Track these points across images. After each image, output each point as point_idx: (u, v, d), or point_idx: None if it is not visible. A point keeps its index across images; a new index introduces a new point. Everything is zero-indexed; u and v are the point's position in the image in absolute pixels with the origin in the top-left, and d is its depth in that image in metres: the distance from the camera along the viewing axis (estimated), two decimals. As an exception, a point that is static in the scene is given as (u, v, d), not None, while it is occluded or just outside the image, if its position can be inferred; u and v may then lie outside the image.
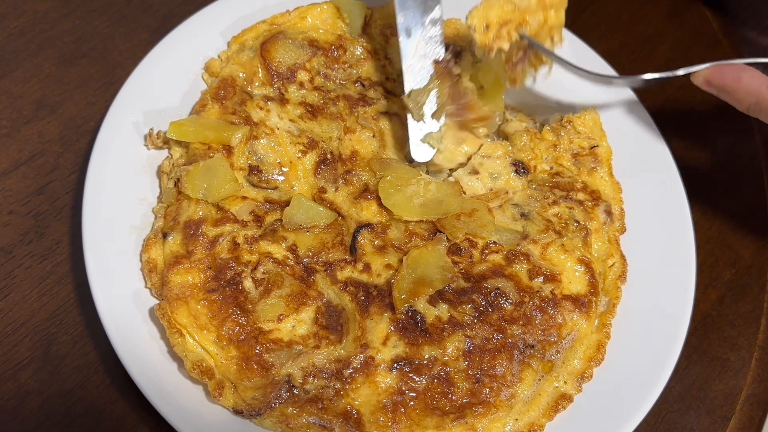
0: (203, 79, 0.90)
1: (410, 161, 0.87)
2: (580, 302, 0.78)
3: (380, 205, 0.82)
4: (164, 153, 0.85)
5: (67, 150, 0.90)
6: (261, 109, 0.86)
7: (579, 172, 0.87)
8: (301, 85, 0.88)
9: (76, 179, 0.88)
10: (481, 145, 0.88)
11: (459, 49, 0.93)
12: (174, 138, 0.83)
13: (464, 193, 0.83)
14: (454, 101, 0.88)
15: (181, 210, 0.79)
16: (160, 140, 0.84)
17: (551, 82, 0.94)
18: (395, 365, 0.73)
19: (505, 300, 0.77)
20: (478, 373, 0.74)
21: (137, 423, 0.75)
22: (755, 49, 1.07)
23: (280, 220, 0.80)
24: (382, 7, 0.96)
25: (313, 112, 0.87)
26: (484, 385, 0.73)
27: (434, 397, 0.72)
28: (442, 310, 0.76)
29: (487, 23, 0.79)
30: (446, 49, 0.87)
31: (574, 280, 0.80)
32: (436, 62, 0.86)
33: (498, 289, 0.78)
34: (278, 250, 0.79)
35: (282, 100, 0.87)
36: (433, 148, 0.86)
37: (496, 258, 0.80)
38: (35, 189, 0.87)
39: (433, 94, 0.86)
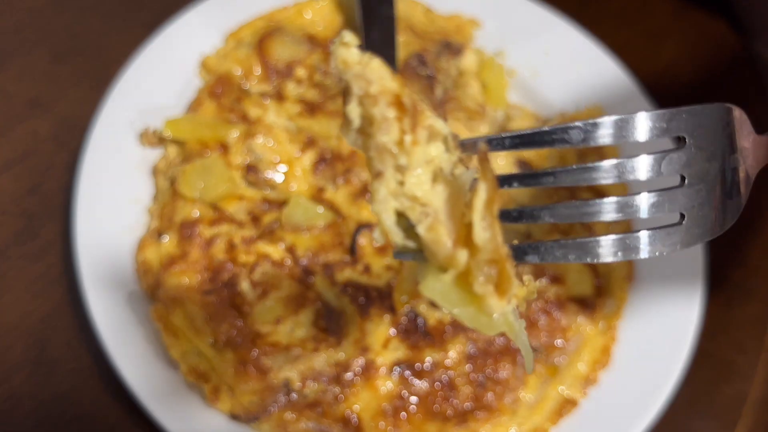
0: (199, 75, 0.89)
1: None
2: (585, 304, 0.77)
3: (380, 204, 0.81)
4: (159, 151, 0.84)
5: (61, 149, 0.88)
6: (258, 106, 0.85)
7: (584, 170, 0.86)
8: (300, 81, 0.87)
9: (70, 179, 0.87)
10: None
11: (459, 46, 0.92)
12: (169, 136, 0.81)
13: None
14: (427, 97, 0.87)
15: (176, 210, 0.78)
16: (155, 138, 0.83)
17: (554, 80, 0.93)
18: (396, 369, 0.72)
19: (509, 302, 0.76)
20: (481, 377, 0.73)
21: (131, 427, 0.73)
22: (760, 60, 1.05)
23: (278, 221, 0.79)
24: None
25: (311, 109, 0.86)
26: (487, 390, 0.72)
27: (436, 402, 0.72)
28: (444, 313, 0.75)
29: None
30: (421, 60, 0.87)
31: (579, 282, 0.79)
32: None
33: (501, 290, 0.77)
34: (276, 251, 0.78)
35: (280, 98, 0.86)
36: None
37: (499, 259, 0.79)
38: (28, 188, 0.86)
39: None
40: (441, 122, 0.39)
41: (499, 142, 0.44)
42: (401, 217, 0.39)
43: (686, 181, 0.46)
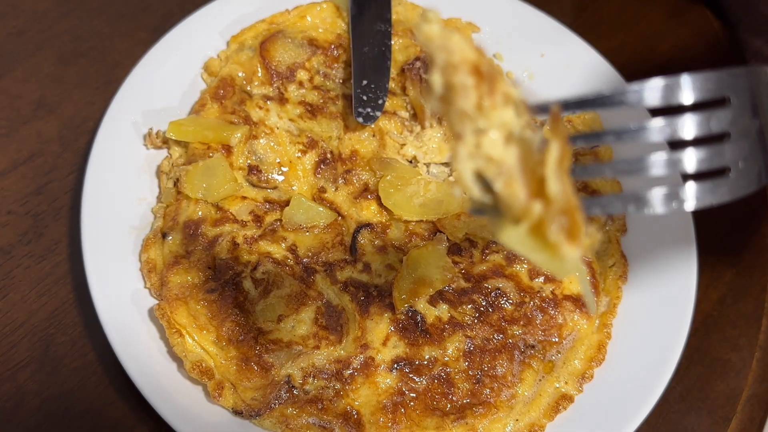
0: (202, 78, 0.89)
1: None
2: (580, 302, 0.78)
3: (380, 204, 0.81)
4: (163, 153, 0.85)
5: (66, 150, 0.89)
6: (260, 108, 0.86)
7: (579, 171, 0.87)
8: (301, 84, 0.88)
9: (75, 179, 0.88)
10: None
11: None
12: (173, 138, 0.82)
13: (464, 193, 0.83)
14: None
15: (180, 210, 0.79)
16: (159, 140, 0.84)
17: (550, 83, 0.94)
18: (395, 366, 0.73)
19: (506, 300, 0.77)
20: (478, 374, 0.73)
21: (136, 424, 0.74)
22: (750, 51, 1.06)
23: (280, 220, 0.80)
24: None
25: (312, 111, 0.87)
26: (484, 386, 0.73)
27: (434, 398, 0.72)
28: (443, 311, 0.76)
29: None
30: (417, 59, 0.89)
31: (575, 280, 0.79)
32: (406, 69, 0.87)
33: (498, 289, 0.77)
34: (278, 250, 0.78)
35: (281, 100, 0.87)
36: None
37: (497, 258, 0.80)
38: (34, 189, 0.87)
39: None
40: (514, 88, 0.42)
41: (564, 105, 0.49)
42: (477, 177, 0.43)
43: (731, 137, 0.49)
